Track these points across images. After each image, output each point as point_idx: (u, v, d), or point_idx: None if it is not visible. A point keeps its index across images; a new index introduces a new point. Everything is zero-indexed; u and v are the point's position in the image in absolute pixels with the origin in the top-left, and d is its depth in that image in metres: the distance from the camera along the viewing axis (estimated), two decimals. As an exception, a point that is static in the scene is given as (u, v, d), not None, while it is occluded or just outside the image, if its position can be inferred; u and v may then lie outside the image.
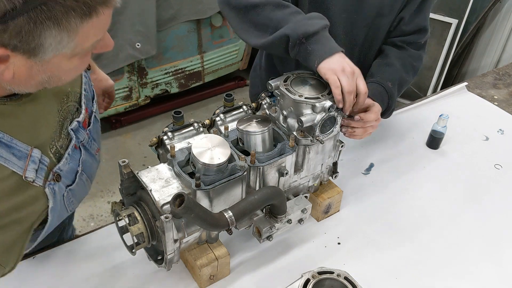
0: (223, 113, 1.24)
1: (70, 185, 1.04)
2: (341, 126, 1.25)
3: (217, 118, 1.24)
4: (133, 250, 1.08)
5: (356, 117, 1.26)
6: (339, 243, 1.34)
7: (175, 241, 1.05)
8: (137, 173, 1.06)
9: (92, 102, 1.12)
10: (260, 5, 1.22)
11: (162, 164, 1.12)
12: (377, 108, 1.32)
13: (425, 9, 1.46)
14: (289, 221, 1.22)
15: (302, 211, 1.24)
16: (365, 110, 1.30)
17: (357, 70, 1.18)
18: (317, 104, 1.14)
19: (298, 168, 1.24)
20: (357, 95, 1.19)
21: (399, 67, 1.45)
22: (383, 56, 1.49)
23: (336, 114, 1.16)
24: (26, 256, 1.26)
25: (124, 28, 2.83)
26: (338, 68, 1.14)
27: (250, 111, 1.27)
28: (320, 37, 1.17)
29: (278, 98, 1.22)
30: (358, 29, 1.44)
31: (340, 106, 1.16)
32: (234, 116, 1.25)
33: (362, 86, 1.18)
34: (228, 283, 1.22)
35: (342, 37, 1.42)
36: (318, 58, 1.15)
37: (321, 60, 1.15)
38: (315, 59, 1.16)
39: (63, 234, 1.43)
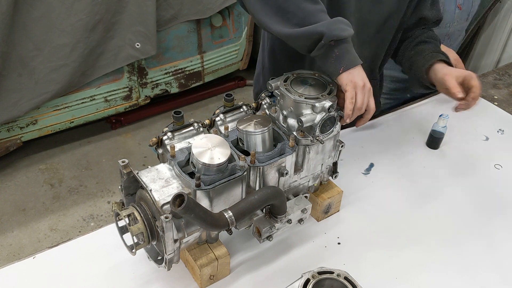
0: (223, 113, 1.24)
1: None
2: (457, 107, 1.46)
3: (217, 118, 1.24)
4: (133, 250, 1.08)
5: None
6: (339, 243, 1.34)
7: (175, 241, 1.05)
8: (137, 173, 1.06)
9: None
10: None
11: (162, 164, 1.12)
12: (473, 74, 1.44)
13: (438, 0, 1.57)
14: (289, 221, 1.22)
15: (302, 211, 1.24)
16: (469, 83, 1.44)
17: (371, 88, 1.20)
18: (317, 104, 1.14)
19: (298, 168, 1.24)
20: (365, 111, 1.21)
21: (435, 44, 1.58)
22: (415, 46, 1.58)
23: (336, 114, 1.17)
24: (26, 256, 1.26)
25: (124, 28, 2.83)
26: (360, 83, 1.15)
27: (250, 111, 1.27)
28: (348, 45, 1.17)
29: (278, 98, 1.22)
30: (369, 29, 1.45)
31: (347, 121, 1.17)
32: (234, 116, 1.25)
33: (372, 104, 1.21)
34: (228, 283, 1.22)
35: (353, 37, 1.43)
36: (344, 66, 1.15)
37: (346, 69, 1.15)
38: (340, 65, 1.15)
39: None
